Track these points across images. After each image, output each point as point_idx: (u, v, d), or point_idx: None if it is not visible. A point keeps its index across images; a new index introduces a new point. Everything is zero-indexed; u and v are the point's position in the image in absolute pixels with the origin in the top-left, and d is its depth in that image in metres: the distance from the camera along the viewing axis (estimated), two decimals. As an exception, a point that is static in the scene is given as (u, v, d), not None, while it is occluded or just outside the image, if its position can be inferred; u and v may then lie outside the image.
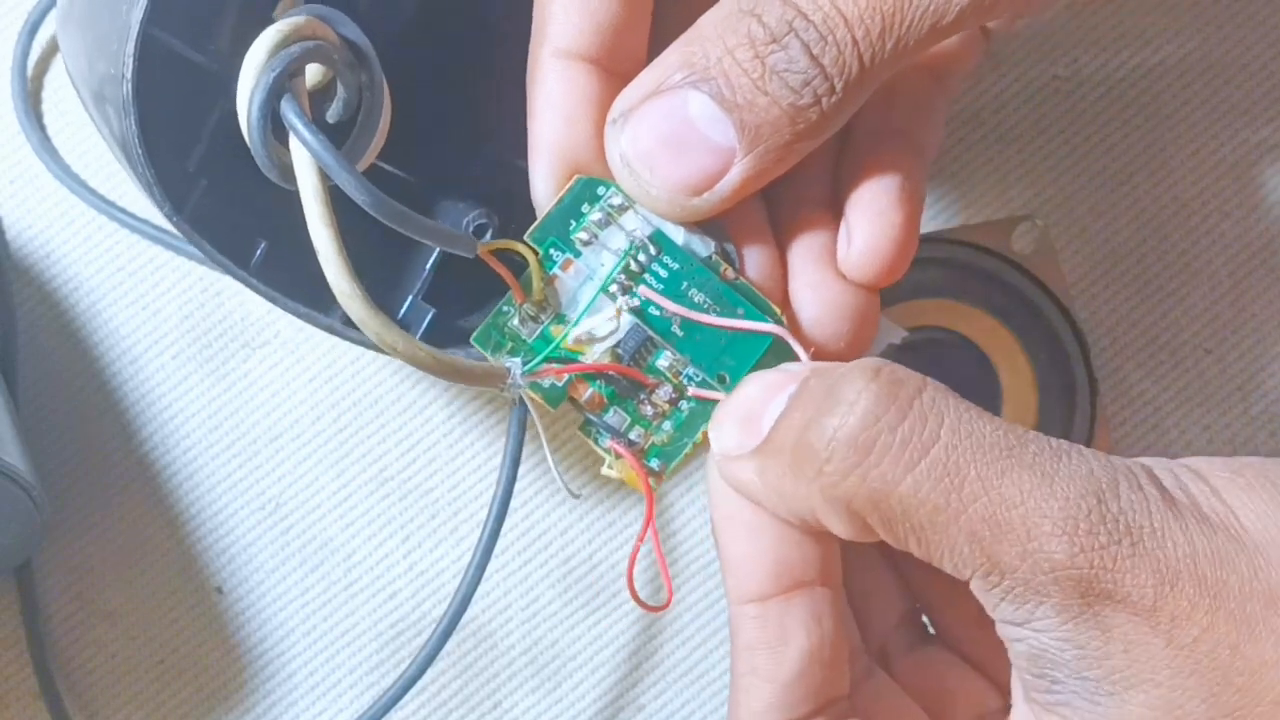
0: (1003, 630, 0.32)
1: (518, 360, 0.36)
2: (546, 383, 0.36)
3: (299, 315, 0.44)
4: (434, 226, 0.36)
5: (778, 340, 0.37)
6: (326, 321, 0.44)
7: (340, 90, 0.39)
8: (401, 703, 0.51)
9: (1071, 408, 0.47)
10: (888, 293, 0.48)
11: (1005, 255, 0.48)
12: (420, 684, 0.51)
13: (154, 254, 0.54)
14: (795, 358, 0.36)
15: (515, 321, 0.37)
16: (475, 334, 0.37)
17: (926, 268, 0.48)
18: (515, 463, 0.50)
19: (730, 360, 0.37)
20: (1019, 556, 0.31)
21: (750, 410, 0.35)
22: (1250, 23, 0.54)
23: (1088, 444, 0.47)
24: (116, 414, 0.54)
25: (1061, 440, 0.32)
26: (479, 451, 0.53)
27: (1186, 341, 0.53)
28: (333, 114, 0.39)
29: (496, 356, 0.37)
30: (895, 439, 0.32)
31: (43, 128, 0.55)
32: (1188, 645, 0.30)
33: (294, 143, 0.37)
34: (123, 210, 0.54)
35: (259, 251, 0.45)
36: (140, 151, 0.40)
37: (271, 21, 0.39)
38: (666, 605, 0.38)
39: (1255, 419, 0.53)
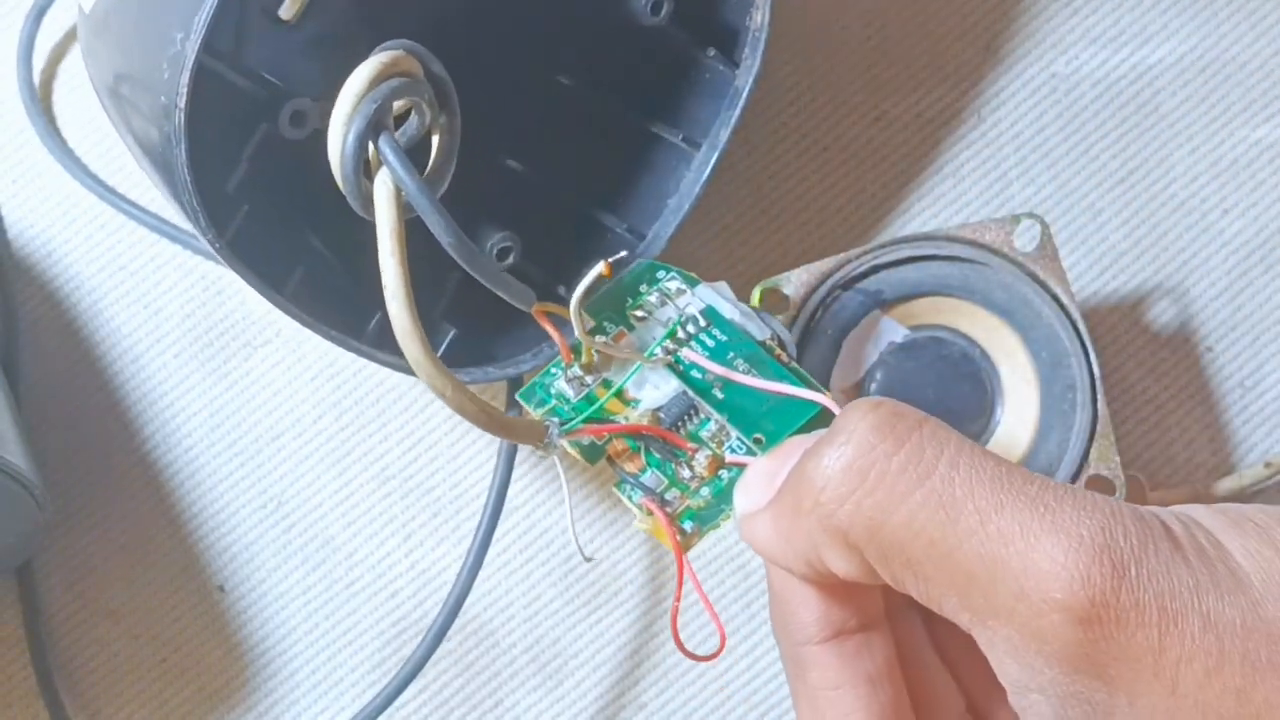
0: (1014, 701, 0.31)
1: (556, 420, 0.36)
2: (586, 440, 0.36)
3: (333, 340, 0.44)
4: (501, 274, 0.37)
5: (820, 417, 0.37)
6: (359, 347, 0.44)
7: (414, 123, 0.39)
8: (402, 700, 0.51)
9: (1073, 406, 0.47)
10: (888, 292, 0.49)
11: (1006, 254, 0.48)
12: (422, 682, 0.51)
13: (156, 252, 0.54)
14: None
15: (561, 382, 0.37)
16: (521, 391, 0.38)
17: (927, 266, 0.48)
18: (510, 463, 0.50)
19: (770, 425, 0.37)
20: (1015, 597, 0.30)
21: (771, 470, 0.34)
22: (1249, 21, 0.54)
23: (1089, 442, 0.47)
24: (118, 413, 0.54)
25: (1064, 483, 0.31)
26: (480, 450, 0.53)
27: (1187, 339, 0.53)
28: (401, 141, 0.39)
29: (539, 413, 0.37)
30: (891, 466, 0.31)
31: (48, 115, 0.55)
32: (1191, 693, 0.29)
33: (380, 177, 0.37)
34: (125, 198, 0.54)
35: (296, 276, 0.45)
36: (188, 180, 0.40)
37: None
38: (719, 653, 0.37)
39: (1256, 417, 0.53)
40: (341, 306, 0.45)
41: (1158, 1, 0.54)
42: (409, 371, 0.46)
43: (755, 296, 0.48)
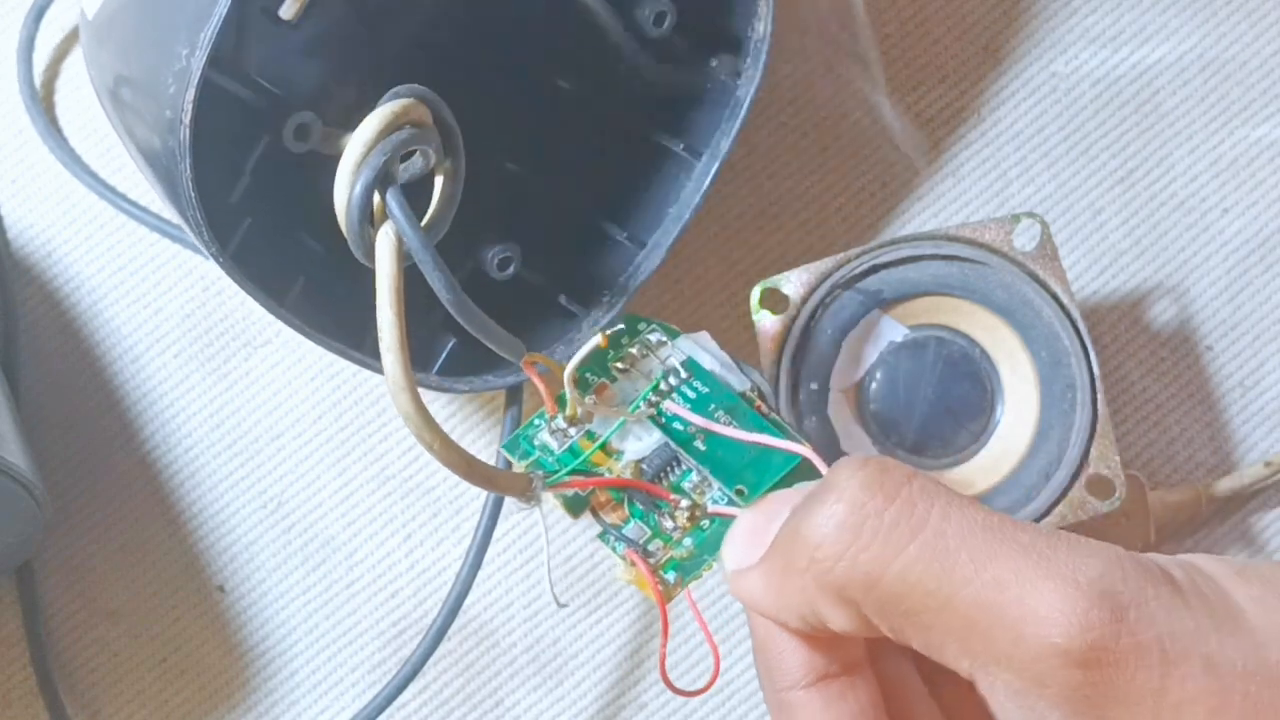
0: None
1: (541, 473, 0.37)
2: (570, 492, 0.37)
3: (333, 350, 0.44)
4: (497, 330, 0.38)
5: (801, 468, 0.37)
6: (359, 357, 0.45)
7: (418, 162, 0.39)
8: (402, 700, 0.51)
9: (1073, 406, 0.47)
10: (888, 292, 0.49)
11: (1006, 253, 0.48)
12: (422, 681, 0.51)
13: (155, 252, 0.54)
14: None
15: (545, 434, 0.38)
16: (505, 442, 0.38)
17: (927, 266, 0.48)
18: (509, 464, 0.50)
19: (751, 476, 0.37)
20: (1013, 642, 0.30)
21: (758, 525, 0.34)
22: (1249, 21, 0.54)
23: (1089, 442, 0.47)
24: (118, 413, 0.54)
25: (1060, 531, 0.31)
26: (481, 450, 0.53)
27: (1187, 339, 0.53)
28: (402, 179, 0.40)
29: (523, 465, 0.37)
30: (884, 522, 0.31)
31: (48, 115, 0.55)
32: None
33: (384, 230, 0.37)
34: (125, 198, 0.54)
35: (297, 287, 0.45)
36: (193, 195, 0.40)
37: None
38: (710, 685, 0.38)
39: (1256, 416, 0.53)
40: (342, 316, 0.45)
41: (1157, 1, 0.54)
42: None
43: (755, 296, 0.48)
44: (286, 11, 0.39)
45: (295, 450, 0.53)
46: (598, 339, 0.37)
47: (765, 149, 0.54)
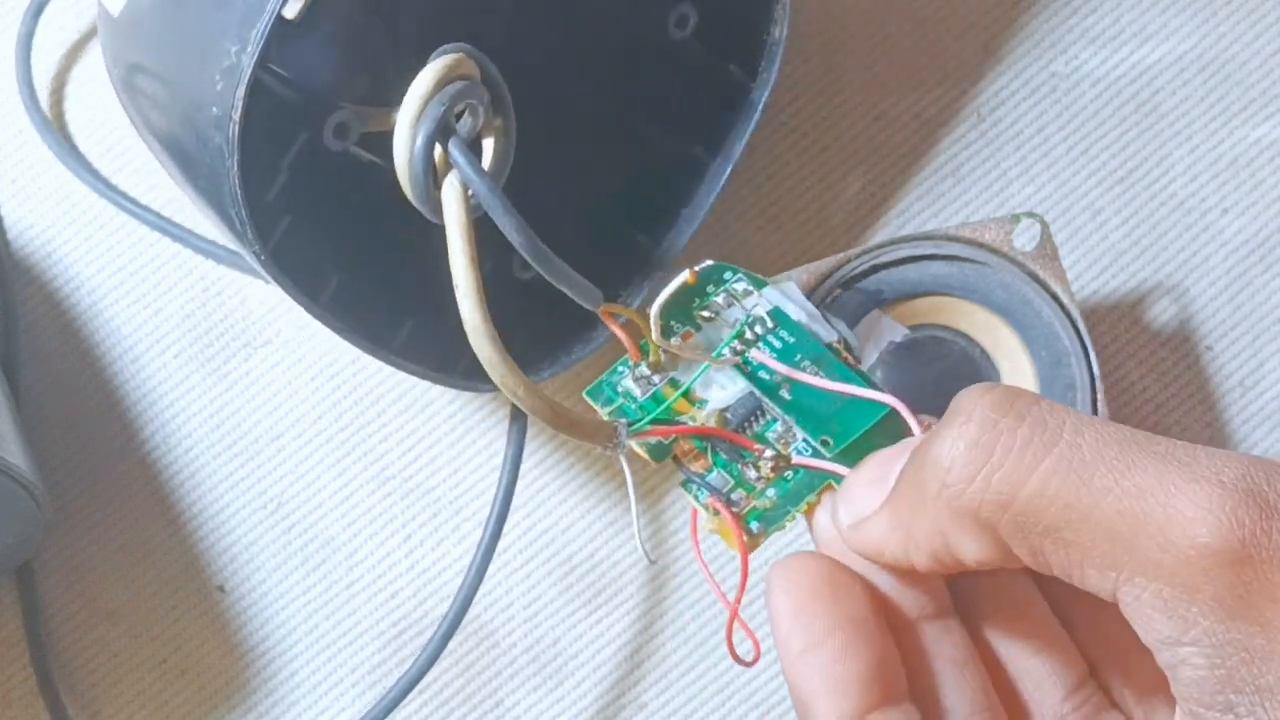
0: (1162, 658, 0.30)
1: (624, 420, 0.36)
2: (653, 440, 0.37)
3: (364, 349, 0.44)
4: (570, 273, 0.38)
5: (888, 419, 0.37)
6: (390, 356, 0.45)
7: (468, 124, 0.40)
8: (403, 701, 0.51)
9: (1073, 406, 0.47)
10: (888, 292, 0.49)
11: (1006, 253, 0.48)
12: (422, 682, 0.51)
13: (156, 252, 0.54)
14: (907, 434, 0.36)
15: (629, 381, 0.37)
16: (588, 388, 0.38)
17: (927, 266, 0.48)
18: (516, 465, 0.50)
19: (837, 427, 0.37)
20: (1160, 548, 0.29)
21: (875, 475, 0.34)
22: (1249, 20, 0.54)
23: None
24: (118, 413, 0.54)
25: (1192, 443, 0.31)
26: (481, 450, 0.53)
27: (1187, 339, 0.53)
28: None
29: (606, 411, 0.37)
30: (1016, 439, 0.31)
31: (48, 114, 0.55)
32: None
33: (450, 179, 0.37)
34: (125, 197, 0.54)
35: (331, 285, 0.45)
36: (238, 193, 0.40)
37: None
38: (757, 658, 0.38)
39: (1256, 416, 0.53)
40: (373, 315, 0.45)
41: (1157, 1, 0.54)
42: (439, 381, 0.46)
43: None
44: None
45: (295, 450, 0.53)
46: (685, 275, 0.37)
47: (765, 149, 0.54)
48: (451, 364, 0.47)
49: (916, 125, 0.54)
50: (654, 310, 0.36)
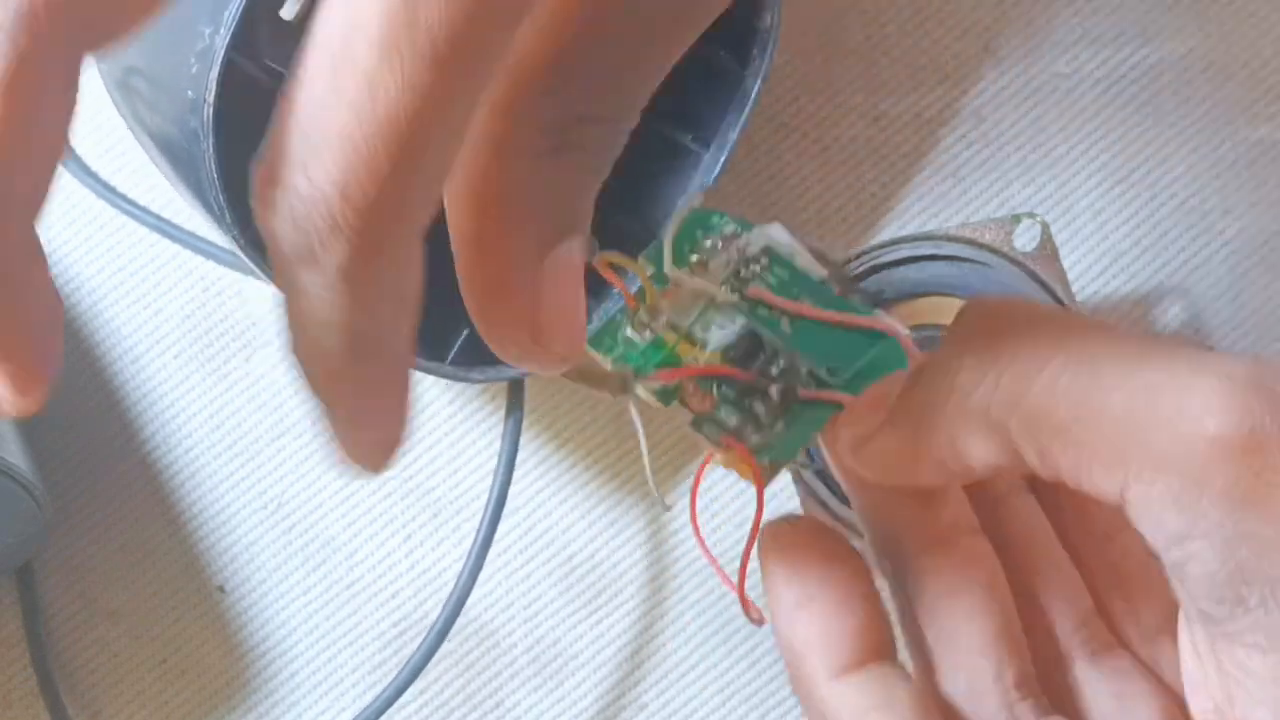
0: (1171, 556, 0.30)
1: (630, 367, 0.36)
2: (658, 385, 0.37)
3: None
4: None
5: (890, 346, 0.37)
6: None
7: None
8: (403, 701, 0.51)
9: (1073, 406, 0.47)
10: (888, 292, 0.49)
11: (1006, 254, 0.48)
12: (422, 683, 0.51)
13: (155, 253, 0.54)
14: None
15: (628, 330, 0.37)
16: (590, 338, 0.38)
17: (927, 266, 0.48)
18: (511, 461, 0.50)
19: (840, 355, 0.37)
20: (1171, 440, 0.28)
21: (878, 396, 0.34)
22: (1249, 21, 0.54)
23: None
24: (118, 413, 0.54)
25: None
26: (481, 450, 0.53)
27: (1188, 339, 0.53)
28: None
29: (609, 359, 0.37)
30: (1025, 342, 0.31)
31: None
32: None
33: None
34: (124, 198, 0.54)
35: None
36: (214, 175, 0.40)
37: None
38: (762, 621, 0.38)
39: (1255, 416, 0.53)
40: None
41: (1158, 1, 0.54)
42: (429, 371, 0.46)
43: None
44: (287, 13, 0.39)
45: (295, 451, 0.53)
46: (697, 199, 0.36)
47: (765, 149, 0.54)
48: (440, 354, 0.48)
49: (916, 125, 0.54)
50: (667, 234, 0.36)
